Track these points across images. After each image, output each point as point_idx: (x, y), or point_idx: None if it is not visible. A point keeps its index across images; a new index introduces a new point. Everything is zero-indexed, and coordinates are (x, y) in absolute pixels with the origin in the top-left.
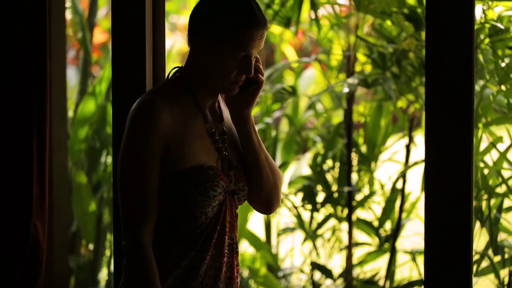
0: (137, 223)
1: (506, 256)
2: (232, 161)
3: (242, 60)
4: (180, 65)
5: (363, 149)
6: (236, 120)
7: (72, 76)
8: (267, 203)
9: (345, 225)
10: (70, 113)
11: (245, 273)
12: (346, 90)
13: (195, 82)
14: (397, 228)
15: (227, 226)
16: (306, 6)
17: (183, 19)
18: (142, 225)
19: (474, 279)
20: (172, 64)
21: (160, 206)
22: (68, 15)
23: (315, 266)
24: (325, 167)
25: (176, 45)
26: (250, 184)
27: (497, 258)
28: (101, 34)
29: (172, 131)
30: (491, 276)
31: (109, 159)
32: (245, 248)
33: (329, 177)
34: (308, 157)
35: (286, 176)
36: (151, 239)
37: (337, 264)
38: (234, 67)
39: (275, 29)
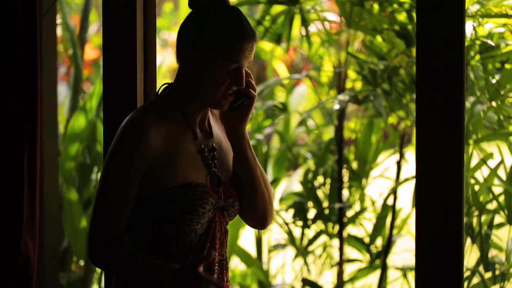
0: (107, 229)
1: (497, 272)
2: (221, 178)
3: (233, 73)
4: (169, 81)
5: (354, 165)
6: (231, 137)
7: (63, 92)
8: (262, 219)
9: (336, 242)
10: (61, 129)
11: None
12: (337, 106)
13: (185, 97)
14: (388, 245)
15: (216, 243)
16: (297, 22)
17: (174, 35)
18: (111, 232)
19: None
20: (163, 80)
21: (149, 225)
22: (59, 31)
23: (306, 282)
24: (316, 183)
25: (166, 61)
26: (241, 199)
27: (488, 275)
28: (92, 51)
29: (160, 150)
30: None
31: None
32: (236, 264)
33: (320, 193)
34: (299, 173)
35: (277, 192)
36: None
37: (328, 281)
38: (225, 79)
39: (266, 45)
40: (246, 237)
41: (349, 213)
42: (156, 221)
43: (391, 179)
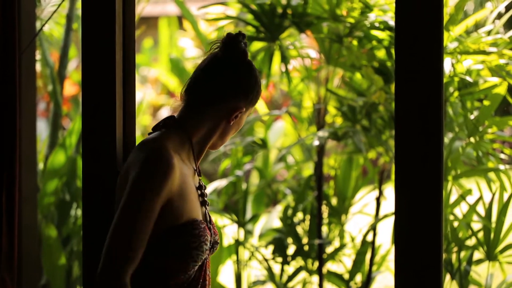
0: (123, 263)
1: None
2: (209, 214)
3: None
4: (172, 115)
5: (334, 201)
6: None
7: (42, 128)
8: None
9: (315, 278)
10: (40, 166)
11: None
12: (316, 143)
13: (196, 137)
14: (368, 281)
15: (206, 279)
16: (276, 59)
17: (154, 71)
18: (127, 268)
19: None
20: (142, 116)
21: (152, 260)
22: (38, 67)
23: None
24: (296, 219)
25: (146, 97)
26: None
27: None
28: (71, 87)
29: (178, 183)
30: None
31: (79, 212)
32: None
33: (299, 229)
34: (278, 209)
35: (257, 228)
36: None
37: None
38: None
39: None
40: (225, 273)
41: (329, 250)
42: (161, 256)
43: (370, 215)
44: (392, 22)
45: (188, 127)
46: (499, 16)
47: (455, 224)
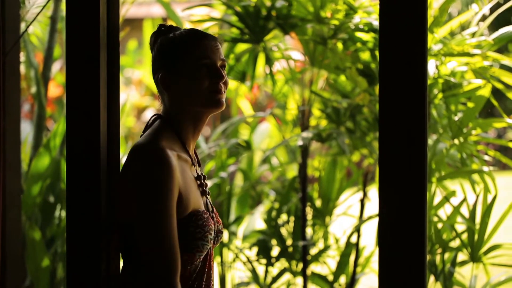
0: (173, 271)
1: None
2: (211, 204)
3: (209, 71)
4: (157, 113)
5: (318, 203)
6: None
7: (27, 130)
8: None
9: (299, 280)
10: (24, 167)
11: None
12: (300, 143)
13: (179, 122)
14: (352, 282)
15: (212, 267)
16: (261, 61)
17: (138, 73)
18: (177, 272)
19: None
20: (126, 118)
21: None
22: (23, 69)
23: None
24: (280, 221)
25: (131, 99)
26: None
27: None
28: (55, 88)
29: (180, 179)
30: None
31: (63, 214)
32: None
33: (283, 231)
34: (262, 211)
35: (240, 230)
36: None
37: None
38: (205, 78)
39: (230, 83)
40: None
41: (313, 251)
42: None
43: (354, 217)
44: (376, 24)
45: (169, 119)
46: (484, 18)
47: (439, 225)
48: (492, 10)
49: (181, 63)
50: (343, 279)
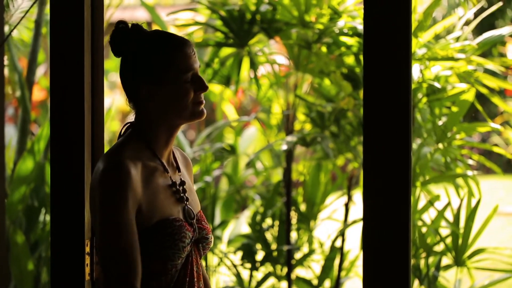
0: (130, 274)
1: None
2: (193, 211)
3: (192, 80)
4: (129, 121)
5: (303, 207)
6: None
7: (11, 134)
8: None
9: (284, 284)
10: (8, 172)
11: None
12: (284, 147)
13: (151, 132)
14: (336, 287)
15: (194, 277)
16: (245, 65)
17: None
18: (136, 276)
19: None
20: (111, 122)
21: None
22: (7, 72)
23: None
24: (265, 225)
25: (115, 103)
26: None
27: None
28: (39, 92)
29: (141, 190)
30: None
31: (48, 218)
32: None
33: (268, 235)
34: (247, 215)
35: (225, 234)
36: None
37: None
38: (189, 90)
39: (215, 88)
40: None
41: (298, 255)
42: (141, 258)
43: (339, 221)
44: (361, 28)
45: (141, 128)
46: (468, 22)
47: (424, 229)
48: (476, 14)
49: (163, 75)
50: (327, 283)
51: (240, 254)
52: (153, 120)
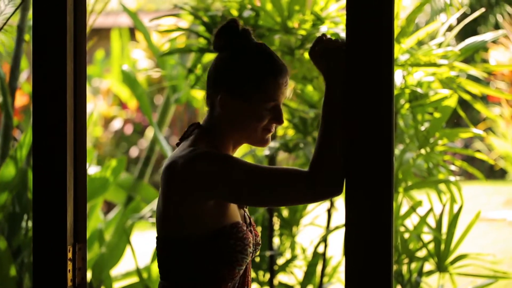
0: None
1: None
2: (249, 216)
3: (272, 110)
4: (197, 122)
5: (285, 213)
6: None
7: None
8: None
9: None
10: None
11: None
12: (267, 152)
13: (220, 139)
14: None
15: (249, 282)
16: None
17: (106, 83)
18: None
19: None
20: (93, 128)
21: (201, 269)
22: None
23: None
24: None
25: (98, 108)
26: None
27: None
28: (22, 97)
29: None
30: None
31: (30, 224)
32: None
33: None
34: None
35: None
36: None
37: None
38: (265, 117)
39: (197, 93)
40: None
41: (280, 261)
42: (209, 262)
43: (321, 227)
44: (343, 34)
45: (211, 131)
46: (450, 28)
47: (406, 235)
48: (459, 20)
49: (247, 92)
50: None
51: None
52: (222, 128)
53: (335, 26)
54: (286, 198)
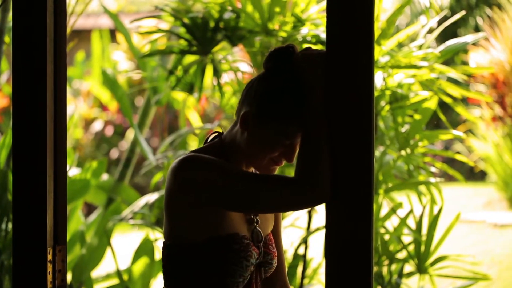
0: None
1: None
2: (261, 233)
3: (287, 146)
4: (221, 131)
5: None
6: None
7: None
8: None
9: None
10: None
11: None
12: None
13: (232, 151)
14: None
15: None
16: (209, 72)
17: (86, 84)
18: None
19: None
20: (74, 130)
21: (192, 275)
22: None
23: None
24: None
25: (78, 110)
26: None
27: None
28: (2, 99)
29: None
30: None
31: (10, 226)
32: None
33: None
34: None
35: None
36: None
37: None
38: (277, 150)
39: (178, 95)
40: (158, 287)
41: None
42: (199, 270)
43: (302, 228)
44: (324, 36)
45: (225, 142)
46: (431, 30)
47: (386, 237)
48: (439, 23)
49: (273, 124)
50: None
51: None
52: (238, 144)
53: (316, 28)
54: (274, 205)
